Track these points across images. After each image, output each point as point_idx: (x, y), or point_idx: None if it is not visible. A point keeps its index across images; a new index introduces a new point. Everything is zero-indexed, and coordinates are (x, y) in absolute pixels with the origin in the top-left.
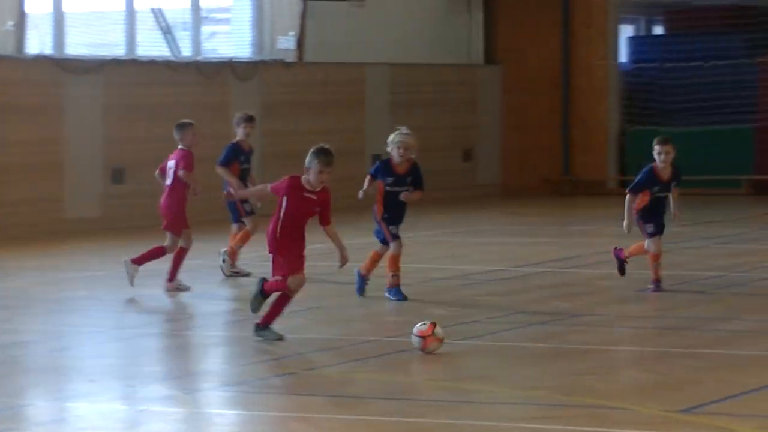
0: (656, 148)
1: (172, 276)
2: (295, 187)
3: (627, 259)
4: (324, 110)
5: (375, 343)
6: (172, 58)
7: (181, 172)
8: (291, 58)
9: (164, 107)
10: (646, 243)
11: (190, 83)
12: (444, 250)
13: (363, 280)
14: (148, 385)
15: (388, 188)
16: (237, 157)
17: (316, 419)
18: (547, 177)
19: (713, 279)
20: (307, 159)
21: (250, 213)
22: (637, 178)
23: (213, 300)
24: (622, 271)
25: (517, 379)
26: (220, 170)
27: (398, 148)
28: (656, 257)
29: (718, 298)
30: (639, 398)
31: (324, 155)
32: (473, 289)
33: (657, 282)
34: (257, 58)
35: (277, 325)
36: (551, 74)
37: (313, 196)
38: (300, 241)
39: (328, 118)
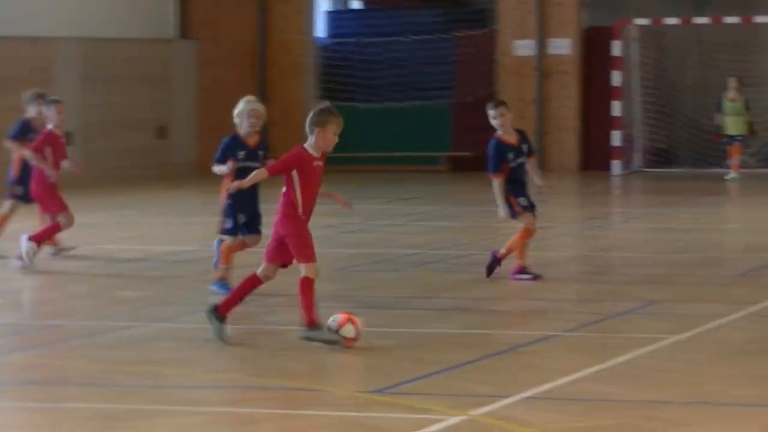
0: (490, 113)
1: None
2: (305, 158)
3: (501, 261)
4: (14, 86)
5: (63, 327)
6: None
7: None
8: None
9: None
10: (523, 219)
11: None
12: (137, 230)
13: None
14: None
15: (240, 164)
16: (26, 135)
17: None
18: None
19: (409, 257)
20: (316, 119)
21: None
22: (490, 156)
23: None
24: (492, 271)
25: (212, 362)
26: (10, 144)
27: (249, 117)
28: (529, 234)
29: (413, 276)
30: (333, 379)
31: (338, 116)
32: (167, 271)
33: (523, 269)
34: None
35: None
36: (248, 50)
37: (320, 163)
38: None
39: (18, 95)
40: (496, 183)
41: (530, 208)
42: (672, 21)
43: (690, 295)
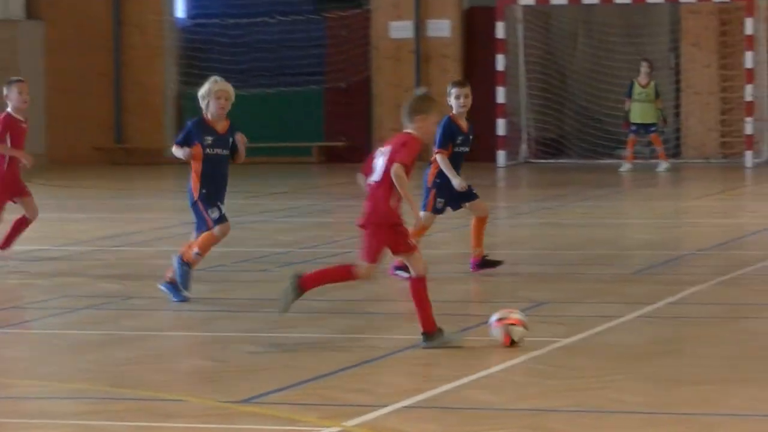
0: (453, 91)
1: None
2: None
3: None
4: None
5: None
6: None
7: None
8: None
9: None
10: (422, 215)
11: None
12: None
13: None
14: None
15: (208, 151)
16: None
17: None
18: (98, 145)
19: (278, 256)
20: (419, 106)
21: None
22: (439, 133)
23: None
24: (493, 264)
25: (62, 371)
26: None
27: (217, 99)
28: (423, 231)
29: (282, 276)
30: (195, 388)
31: (439, 103)
32: (15, 271)
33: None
34: None
35: None
36: (101, 31)
37: None
38: None
39: None
40: (441, 158)
41: (447, 207)
42: (559, 1)
43: (581, 296)
